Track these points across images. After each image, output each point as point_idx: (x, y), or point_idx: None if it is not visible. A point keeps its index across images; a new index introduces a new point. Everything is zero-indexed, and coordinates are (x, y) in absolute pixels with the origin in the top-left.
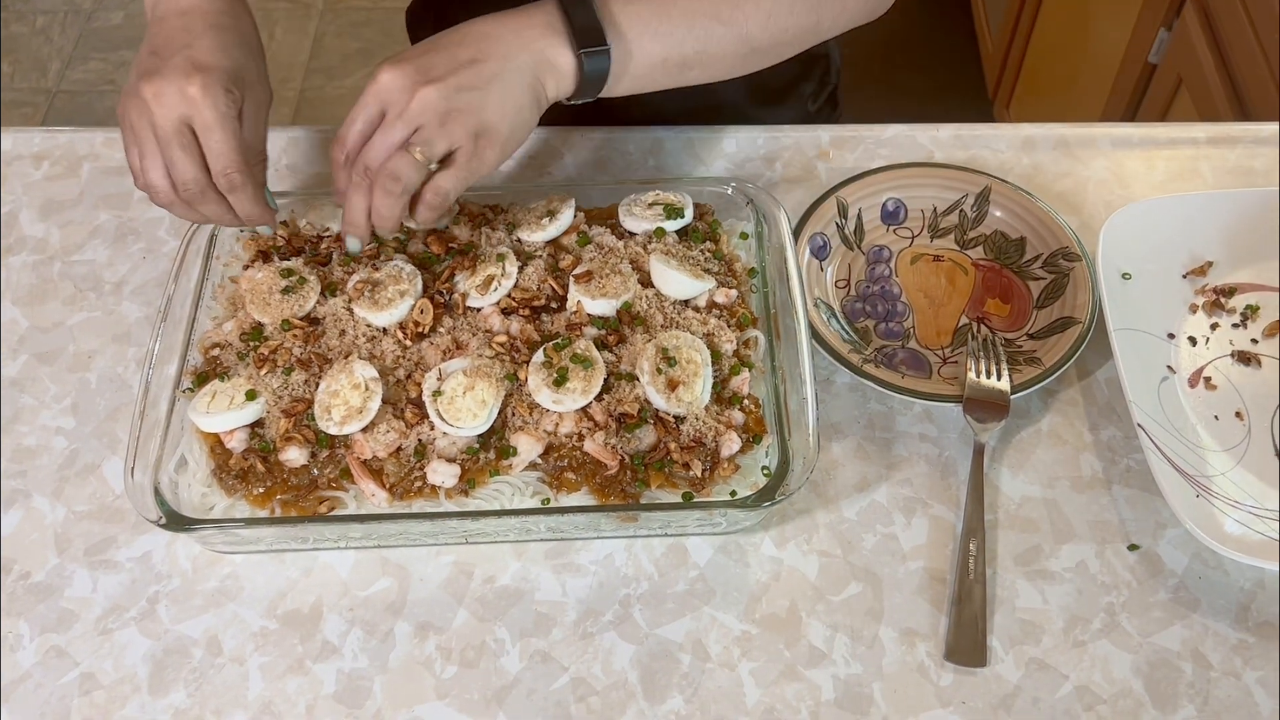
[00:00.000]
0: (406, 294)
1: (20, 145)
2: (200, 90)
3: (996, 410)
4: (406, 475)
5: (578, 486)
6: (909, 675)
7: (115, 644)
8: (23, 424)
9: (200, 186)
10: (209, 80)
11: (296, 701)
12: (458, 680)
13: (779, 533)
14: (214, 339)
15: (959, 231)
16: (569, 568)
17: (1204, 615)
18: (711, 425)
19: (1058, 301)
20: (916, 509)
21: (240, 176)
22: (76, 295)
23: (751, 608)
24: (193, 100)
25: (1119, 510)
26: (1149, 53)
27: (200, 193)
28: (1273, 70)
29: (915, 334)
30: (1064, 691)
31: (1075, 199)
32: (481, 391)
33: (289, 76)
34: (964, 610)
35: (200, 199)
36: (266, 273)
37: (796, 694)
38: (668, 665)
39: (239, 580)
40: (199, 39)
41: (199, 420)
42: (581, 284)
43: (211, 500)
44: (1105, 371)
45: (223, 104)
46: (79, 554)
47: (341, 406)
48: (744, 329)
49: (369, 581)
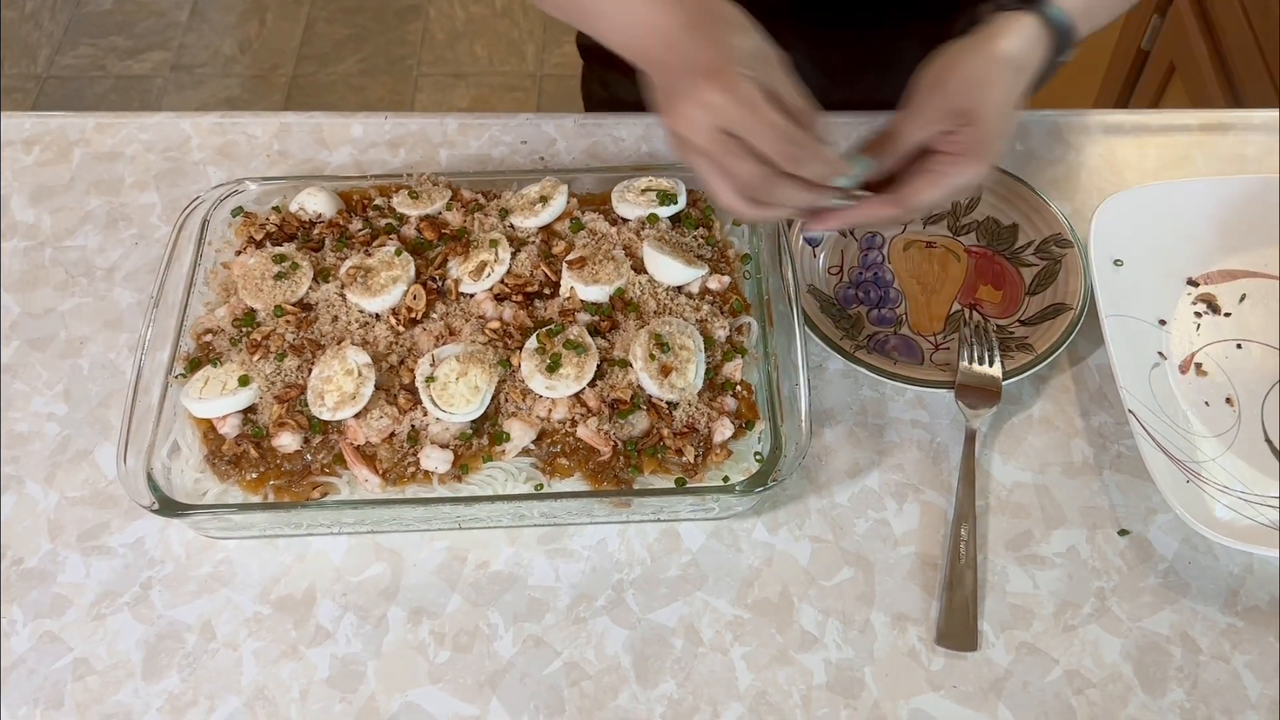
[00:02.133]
0: (399, 280)
1: (11, 130)
2: (719, 93)
3: (988, 396)
4: (400, 461)
5: (570, 472)
6: (900, 659)
7: (109, 629)
8: (15, 410)
9: (764, 179)
10: (721, 82)
11: (290, 686)
12: (451, 665)
13: (771, 518)
14: (206, 325)
15: (951, 218)
16: (562, 553)
17: (1193, 600)
18: (704, 411)
19: (1050, 288)
20: (908, 494)
21: (796, 149)
22: (68, 281)
23: (744, 593)
24: (716, 107)
25: (1110, 496)
26: (1142, 39)
27: (767, 185)
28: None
29: (908, 320)
30: (1054, 675)
31: (1067, 185)
32: (474, 377)
33: (280, 63)
34: (955, 595)
35: (772, 190)
36: (259, 258)
37: (788, 678)
38: (660, 650)
39: (232, 565)
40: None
41: (192, 406)
42: (574, 270)
43: (204, 486)
44: (1097, 358)
45: (744, 93)
46: (72, 540)
47: (334, 392)
48: (737, 315)
49: (362, 567)
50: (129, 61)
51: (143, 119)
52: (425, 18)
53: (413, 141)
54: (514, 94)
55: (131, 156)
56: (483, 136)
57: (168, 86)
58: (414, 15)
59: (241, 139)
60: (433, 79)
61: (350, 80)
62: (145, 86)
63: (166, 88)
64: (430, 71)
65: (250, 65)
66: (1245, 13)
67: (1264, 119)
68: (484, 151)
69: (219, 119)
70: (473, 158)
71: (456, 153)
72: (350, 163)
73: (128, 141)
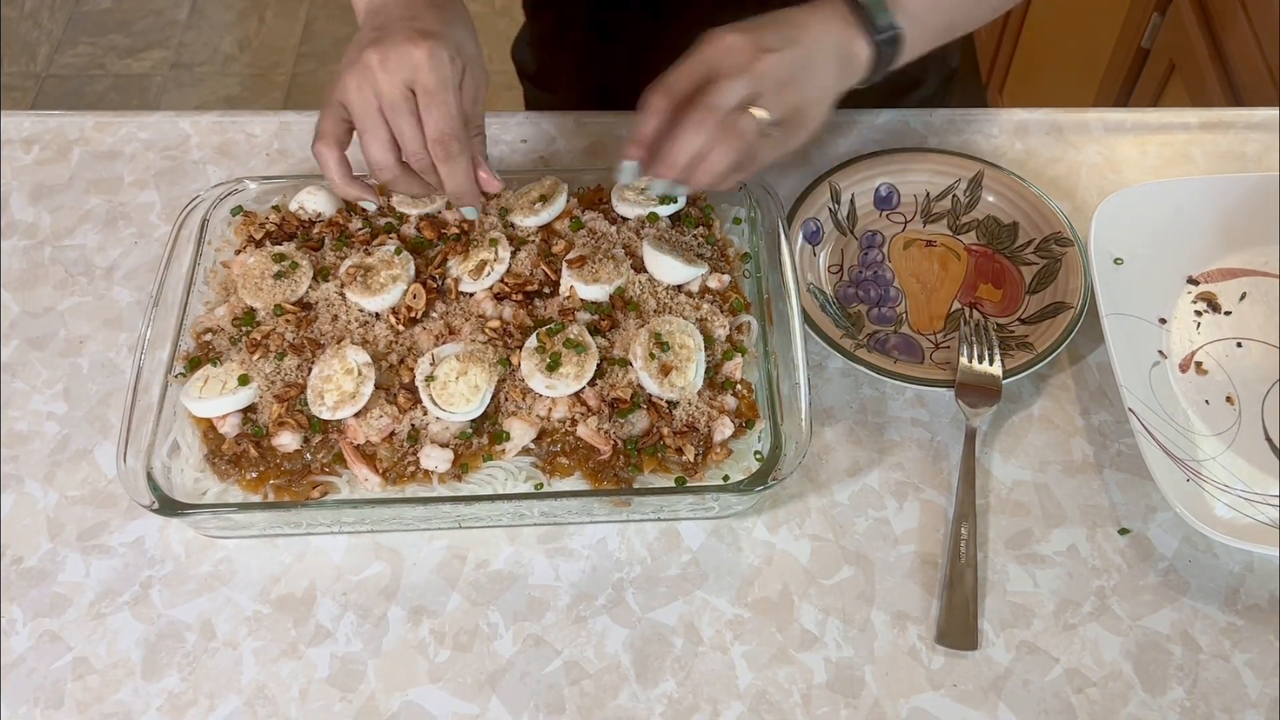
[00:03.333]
0: (399, 279)
1: (10, 129)
2: (426, 54)
3: (988, 395)
4: (399, 460)
5: (570, 471)
6: (900, 658)
7: (108, 628)
8: (14, 409)
9: (421, 158)
10: (435, 46)
11: (290, 685)
12: (451, 664)
13: (771, 517)
14: (206, 324)
15: (952, 217)
16: (562, 552)
17: (1193, 598)
18: (704, 410)
19: (1050, 287)
20: (908, 493)
21: (456, 145)
22: (67, 280)
23: (744, 591)
24: (417, 64)
25: (1110, 494)
26: (1142, 38)
27: (424, 164)
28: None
29: (908, 319)
30: (1054, 674)
31: (1068, 184)
32: (474, 376)
33: (279, 61)
34: (955, 594)
35: (424, 169)
36: (259, 257)
37: (788, 677)
38: (660, 649)
39: (232, 565)
40: (422, 13)
41: (191, 405)
42: (574, 269)
43: (204, 485)
44: (1097, 356)
45: (447, 71)
46: (72, 539)
47: (334, 391)
48: (737, 314)
49: (362, 566)
50: (128, 60)
51: (142, 118)
52: None
53: None
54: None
55: (131, 155)
56: None
57: (167, 85)
58: None
59: (241, 138)
60: None
61: None
62: (144, 85)
63: (166, 86)
64: None
65: (250, 64)
66: (1246, 11)
67: (1264, 117)
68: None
69: (218, 118)
70: None
71: None
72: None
73: (127, 140)
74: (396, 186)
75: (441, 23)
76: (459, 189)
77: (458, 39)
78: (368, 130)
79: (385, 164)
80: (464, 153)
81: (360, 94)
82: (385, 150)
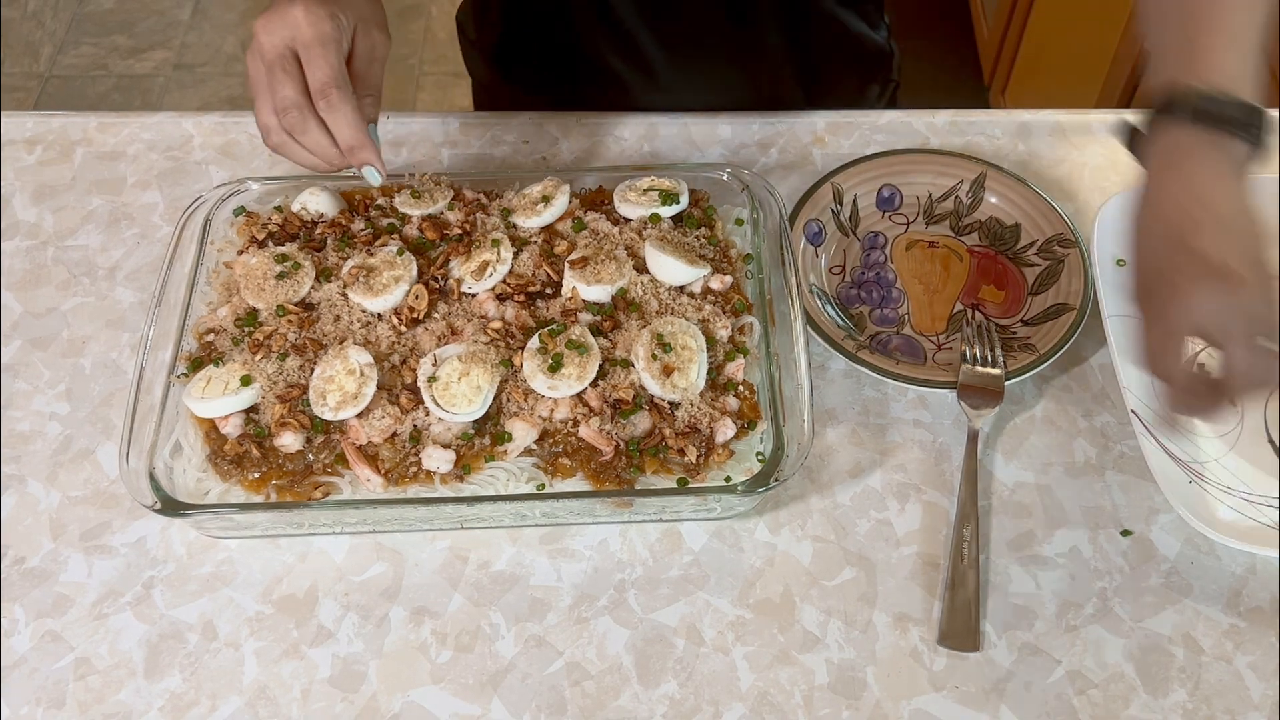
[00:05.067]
0: (401, 280)
1: (13, 130)
2: (303, 11)
3: (991, 396)
4: (401, 461)
5: (572, 472)
6: (902, 660)
7: (110, 629)
8: (16, 409)
9: (300, 110)
10: (311, 3)
11: (291, 686)
12: (453, 665)
13: (773, 518)
14: (208, 324)
15: (954, 218)
16: (564, 553)
17: (1196, 600)
18: (706, 411)
19: (1052, 288)
20: (910, 494)
21: (337, 94)
22: (70, 280)
23: (745, 593)
24: (295, 21)
25: (1112, 496)
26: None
27: (301, 118)
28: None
29: (910, 320)
30: (1056, 676)
31: (1070, 185)
32: (476, 377)
33: None
34: (957, 595)
35: (301, 125)
36: (261, 258)
37: (790, 678)
38: (662, 650)
39: (234, 565)
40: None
41: (194, 405)
42: (576, 270)
43: (206, 485)
44: (1099, 358)
45: (326, 25)
46: (74, 539)
47: (336, 392)
48: (739, 315)
49: (364, 566)
50: (131, 60)
51: (145, 118)
52: (427, 16)
53: (415, 141)
54: None
55: (133, 156)
56: (485, 136)
57: (170, 85)
58: (416, 14)
59: (244, 138)
60: (435, 78)
61: None
62: (147, 85)
63: (169, 87)
64: (432, 70)
65: None
66: None
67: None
68: (486, 151)
69: (221, 118)
70: (475, 157)
71: (459, 152)
72: None
73: (130, 141)
74: (287, 152)
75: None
76: (348, 140)
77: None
78: (257, 94)
79: (271, 125)
80: (346, 102)
81: (253, 64)
82: (271, 113)
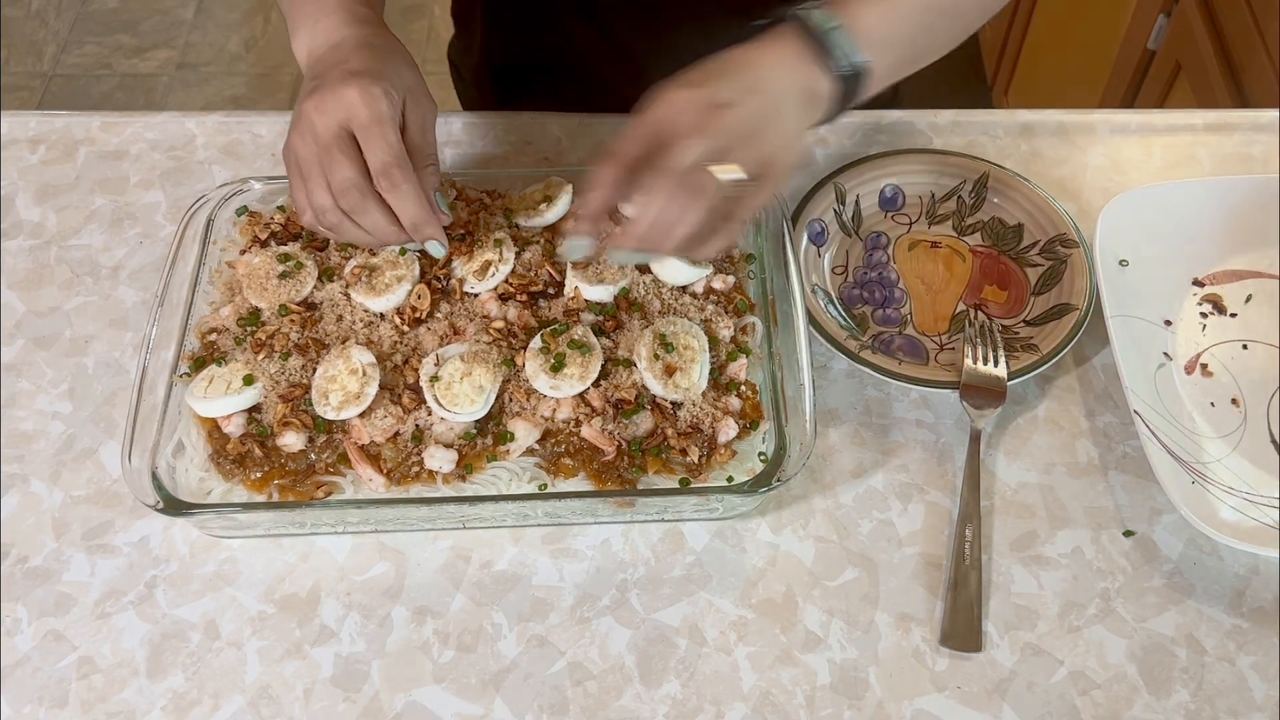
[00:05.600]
0: (404, 279)
1: (16, 129)
2: (358, 92)
3: (993, 397)
4: (404, 460)
5: (575, 472)
6: (904, 660)
7: (113, 628)
8: (19, 408)
9: (360, 191)
10: (364, 82)
11: (294, 685)
12: (455, 664)
13: (775, 518)
14: (211, 324)
15: (957, 218)
16: (566, 553)
17: (1198, 601)
18: (708, 411)
19: (1055, 288)
20: (913, 495)
21: (400, 173)
22: (73, 280)
23: (748, 593)
24: (350, 102)
25: (1115, 496)
26: (1148, 39)
27: (361, 199)
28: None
29: (912, 320)
30: (1059, 676)
31: (1073, 185)
32: (479, 377)
33: (285, 61)
34: (959, 595)
35: (361, 206)
36: (264, 257)
37: (792, 678)
38: (664, 650)
39: (236, 565)
40: (352, 55)
41: (196, 405)
42: (579, 270)
43: (209, 485)
44: (1102, 358)
45: (382, 105)
46: (76, 538)
47: (339, 392)
48: (741, 315)
49: (366, 566)
50: (134, 60)
51: (148, 118)
52: (430, 16)
53: None
54: None
55: (137, 155)
56: (487, 136)
57: (173, 85)
58: (418, 14)
59: (246, 138)
60: (437, 77)
61: None
62: (150, 85)
63: (172, 86)
64: (434, 70)
65: (255, 63)
66: (1252, 12)
67: (1270, 119)
68: (488, 151)
69: (224, 118)
70: (477, 157)
71: (461, 152)
72: None
73: (133, 140)
74: (342, 232)
75: (374, 60)
76: (413, 218)
77: (393, 73)
78: (310, 176)
79: (325, 206)
80: (408, 180)
81: (303, 144)
82: (327, 193)
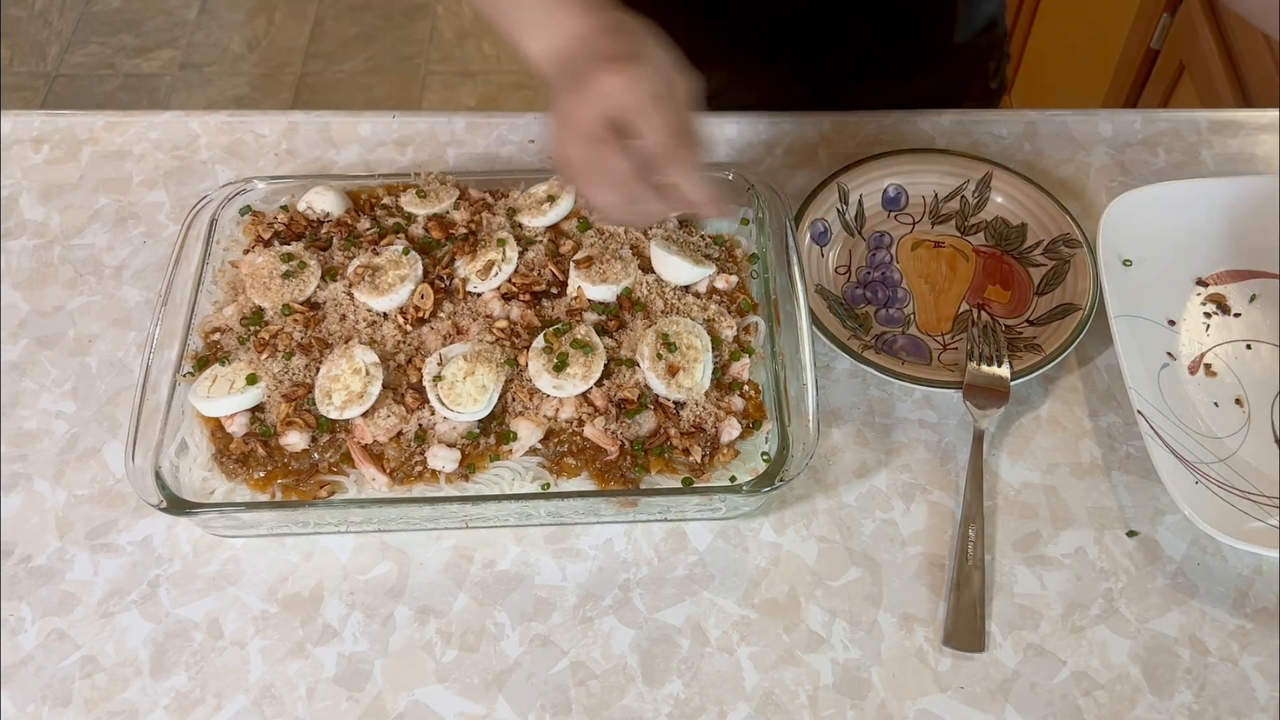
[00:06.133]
0: (407, 279)
1: (20, 129)
2: (618, 79)
3: (996, 397)
4: (407, 460)
5: (577, 472)
6: (907, 660)
7: (116, 627)
8: (23, 408)
9: (637, 182)
10: (624, 66)
11: (297, 684)
12: (458, 664)
13: (778, 518)
14: (214, 323)
15: (960, 218)
16: (569, 552)
17: (1202, 601)
18: (711, 411)
19: (1058, 288)
20: (916, 495)
21: (674, 154)
22: (77, 279)
23: (751, 592)
24: (611, 91)
25: (1118, 496)
26: (1151, 39)
27: (638, 189)
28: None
29: (915, 320)
30: (1062, 677)
31: (1076, 185)
32: (482, 376)
33: (288, 60)
34: (962, 595)
35: (640, 196)
36: (267, 257)
37: (795, 678)
38: (667, 649)
39: (239, 564)
40: (602, 42)
41: (199, 404)
42: (582, 269)
43: (212, 484)
44: (1105, 358)
45: (644, 86)
46: (80, 537)
47: (342, 391)
48: (744, 315)
49: (369, 565)
50: (138, 60)
51: (151, 117)
52: (433, 15)
53: (421, 140)
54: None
55: (140, 155)
56: (490, 135)
57: (176, 85)
58: (422, 13)
59: (250, 138)
60: (441, 77)
61: (358, 79)
62: (154, 85)
63: (175, 86)
64: (438, 70)
65: (258, 63)
66: None
67: (1273, 119)
68: (492, 150)
69: (227, 118)
70: (480, 156)
71: (464, 151)
72: (358, 161)
73: (136, 140)
74: (631, 220)
75: (625, 43)
76: (695, 198)
77: (647, 54)
78: (589, 175)
79: (614, 202)
80: (686, 160)
81: (570, 144)
82: (609, 189)
